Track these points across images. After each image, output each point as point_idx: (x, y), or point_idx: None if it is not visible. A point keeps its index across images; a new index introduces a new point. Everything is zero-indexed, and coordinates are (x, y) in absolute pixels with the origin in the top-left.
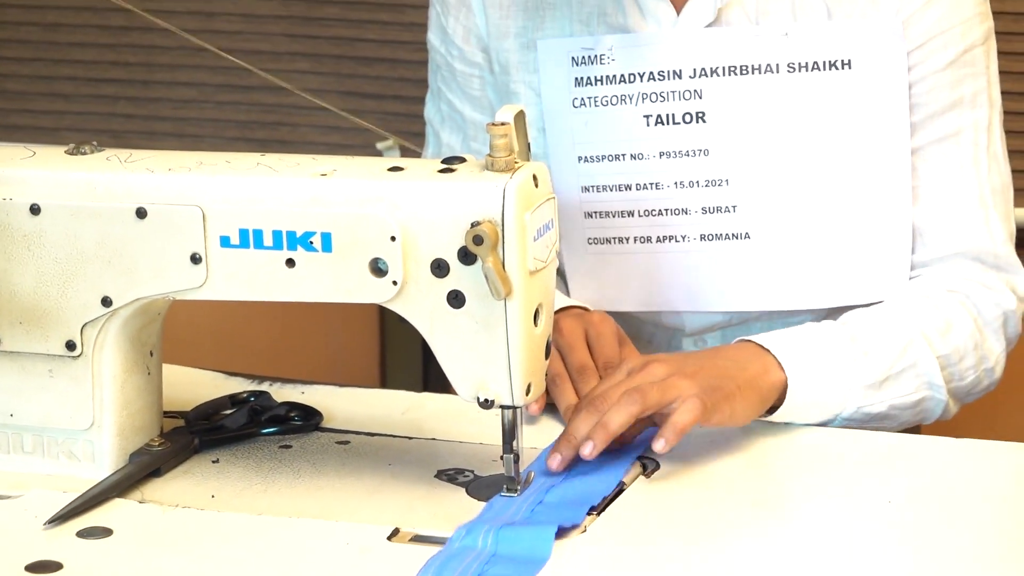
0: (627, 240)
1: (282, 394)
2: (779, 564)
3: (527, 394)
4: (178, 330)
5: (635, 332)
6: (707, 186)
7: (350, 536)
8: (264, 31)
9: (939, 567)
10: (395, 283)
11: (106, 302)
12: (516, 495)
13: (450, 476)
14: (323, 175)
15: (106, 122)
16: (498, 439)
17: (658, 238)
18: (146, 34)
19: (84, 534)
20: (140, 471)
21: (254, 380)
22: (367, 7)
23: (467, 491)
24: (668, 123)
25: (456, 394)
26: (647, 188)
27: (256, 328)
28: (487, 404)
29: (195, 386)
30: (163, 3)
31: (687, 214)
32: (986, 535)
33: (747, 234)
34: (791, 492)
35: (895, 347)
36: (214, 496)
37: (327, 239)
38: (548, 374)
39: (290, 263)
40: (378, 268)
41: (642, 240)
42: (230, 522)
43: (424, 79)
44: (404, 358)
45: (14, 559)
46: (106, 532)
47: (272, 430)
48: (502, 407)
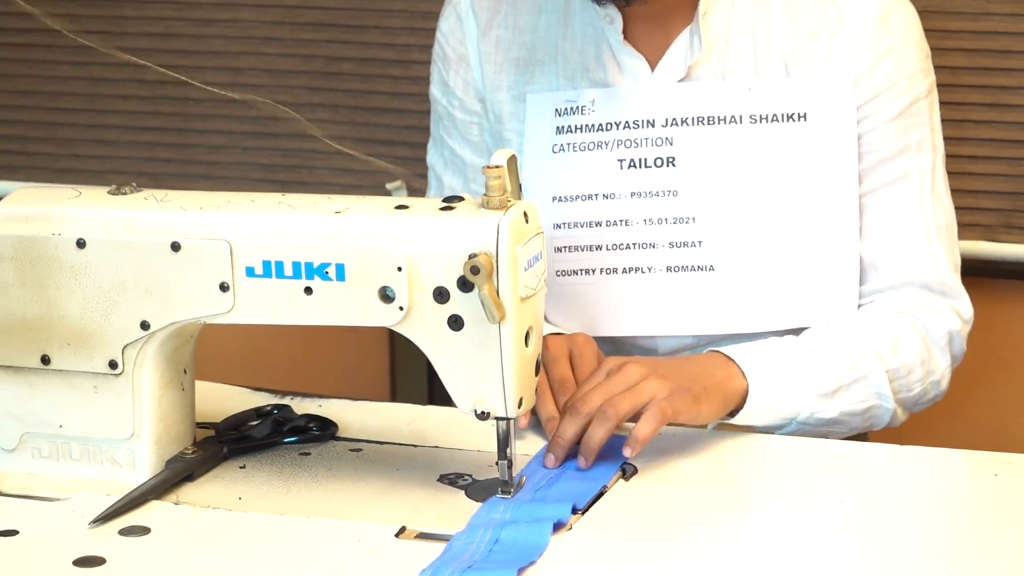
0: (593, 271)
1: (302, 407)
2: (744, 558)
3: (519, 407)
4: (209, 350)
5: (614, 352)
6: (675, 223)
7: (362, 534)
8: (287, 84)
9: (887, 561)
10: (401, 308)
11: (144, 326)
12: (510, 497)
13: (451, 480)
14: (337, 212)
15: (145, 165)
16: (494, 447)
17: (623, 269)
18: (180, 87)
19: (125, 532)
20: (175, 476)
21: (277, 395)
22: (378, 63)
23: (466, 493)
24: (640, 167)
25: (456, 407)
26: (617, 225)
27: (278, 348)
28: (484, 416)
29: (224, 400)
30: (195, 59)
31: (654, 248)
32: (928, 532)
33: (711, 266)
34: (755, 493)
35: (848, 360)
36: (241, 498)
37: (341, 269)
38: None
39: (308, 291)
40: (386, 295)
41: (608, 271)
42: (255, 521)
43: (428, 127)
44: (411, 375)
45: (63, 555)
46: (145, 530)
47: (293, 439)
48: (497, 418)
